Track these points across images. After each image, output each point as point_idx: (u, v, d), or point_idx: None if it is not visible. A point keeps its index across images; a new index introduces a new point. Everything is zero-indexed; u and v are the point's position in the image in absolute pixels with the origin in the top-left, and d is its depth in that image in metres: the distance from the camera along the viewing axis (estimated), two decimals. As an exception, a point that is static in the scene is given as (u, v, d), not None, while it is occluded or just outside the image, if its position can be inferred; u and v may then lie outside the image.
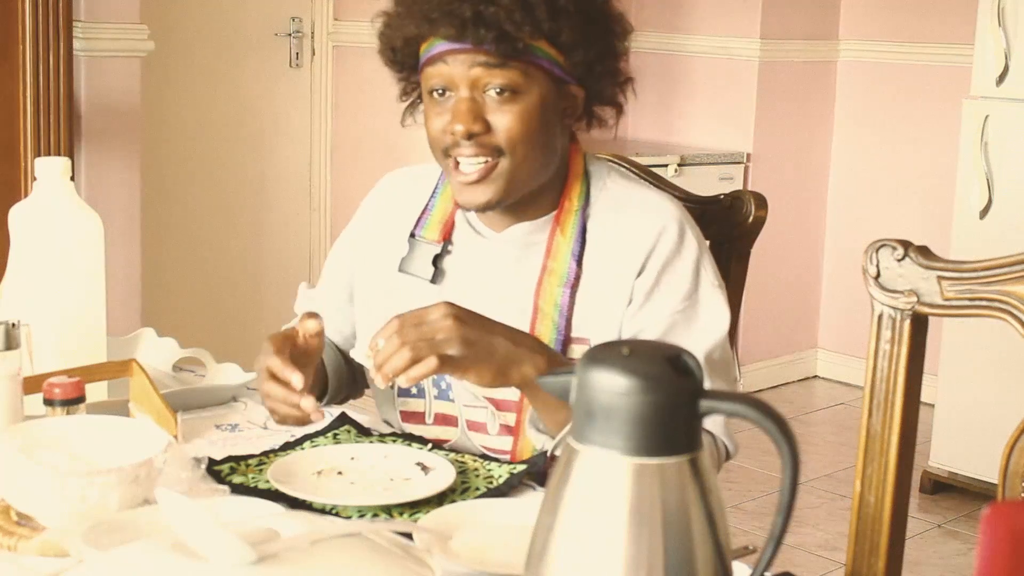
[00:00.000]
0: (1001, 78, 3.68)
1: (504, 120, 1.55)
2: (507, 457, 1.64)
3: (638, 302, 1.60)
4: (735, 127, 4.75)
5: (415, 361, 1.41)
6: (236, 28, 4.11)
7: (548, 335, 1.60)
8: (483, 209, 1.62)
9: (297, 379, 1.47)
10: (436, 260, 1.68)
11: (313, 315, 1.57)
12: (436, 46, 1.56)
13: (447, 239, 1.69)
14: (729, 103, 4.77)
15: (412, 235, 1.71)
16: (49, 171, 1.68)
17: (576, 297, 1.61)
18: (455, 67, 1.55)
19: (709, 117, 4.85)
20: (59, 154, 3.20)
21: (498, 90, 1.54)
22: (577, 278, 1.61)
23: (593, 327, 1.61)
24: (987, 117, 3.70)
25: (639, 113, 5.08)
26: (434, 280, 1.67)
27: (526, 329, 1.59)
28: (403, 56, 1.63)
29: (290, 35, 4.19)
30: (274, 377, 1.50)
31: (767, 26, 4.67)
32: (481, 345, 1.43)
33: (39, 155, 3.17)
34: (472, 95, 1.55)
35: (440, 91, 1.58)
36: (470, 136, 1.55)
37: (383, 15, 1.65)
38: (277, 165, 4.25)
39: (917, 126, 4.69)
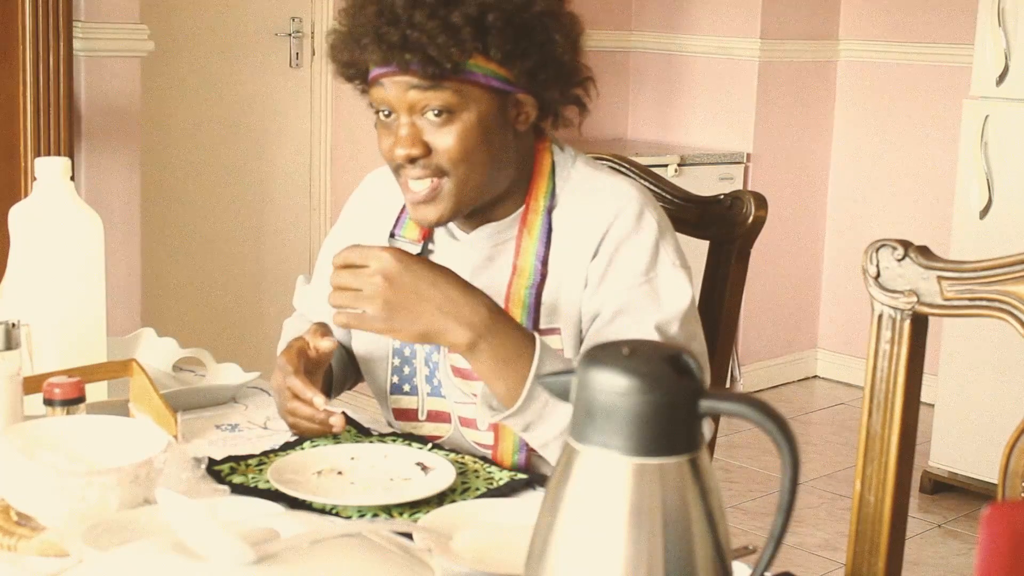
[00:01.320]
0: (1001, 78, 3.68)
1: (443, 141, 1.56)
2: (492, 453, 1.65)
3: (593, 284, 1.61)
4: (735, 127, 4.75)
5: (340, 306, 1.46)
6: (236, 28, 4.11)
7: None
8: (434, 226, 1.63)
9: (320, 400, 1.53)
10: None
11: (325, 331, 1.62)
12: (374, 69, 1.58)
13: (428, 237, 1.70)
14: (729, 103, 4.78)
15: (392, 235, 1.73)
16: (49, 171, 1.68)
17: (542, 295, 1.62)
18: (391, 90, 1.56)
19: (709, 117, 4.85)
20: (59, 154, 3.20)
21: (435, 112, 1.55)
22: (543, 277, 1.62)
23: (560, 317, 1.62)
24: (987, 117, 3.70)
25: (639, 113, 5.08)
26: None
27: None
28: (353, 74, 1.64)
29: (290, 35, 4.19)
30: (297, 397, 1.55)
31: (767, 26, 4.67)
32: (403, 311, 1.45)
33: (39, 155, 3.17)
34: (411, 119, 1.56)
35: (385, 112, 1.59)
36: (412, 160, 1.56)
37: (332, 33, 1.66)
38: (277, 165, 4.25)
39: (917, 126, 4.70)
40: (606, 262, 1.60)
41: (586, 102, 1.66)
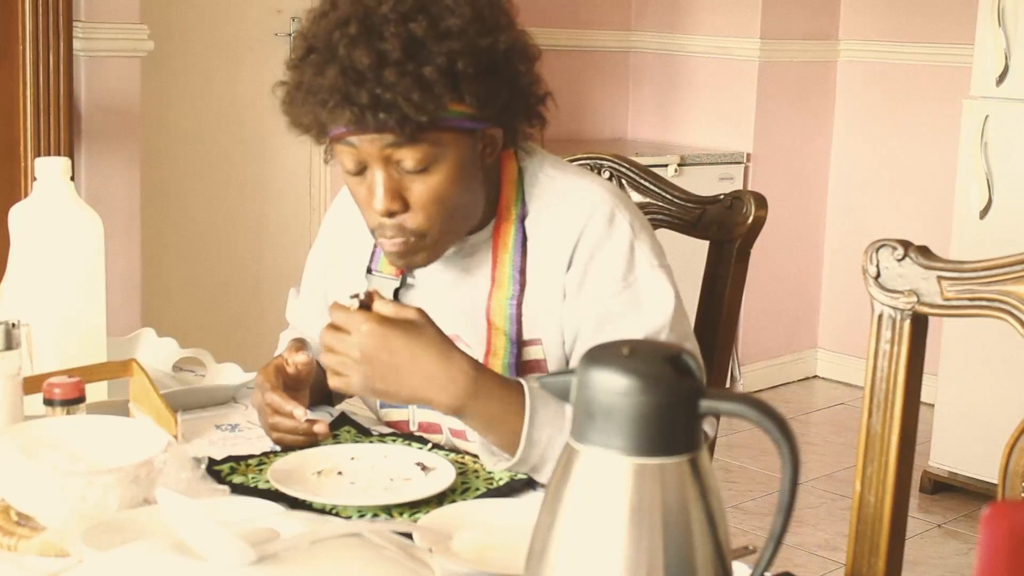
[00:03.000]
0: (1001, 78, 3.68)
1: (422, 194, 1.51)
2: None
3: (571, 296, 1.58)
4: (735, 127, 4.75)
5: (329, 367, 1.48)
6: (236, 28, 4.11)
7: (503, 346, 1.60)
8: (415, 268, 1.61)
9: (300, 412, 1.55)
10: (397, 291, 1.67)
11: (300, 346, 1.63)
12: (340, 128, 1.51)
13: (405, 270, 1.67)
14: (729, 103, 4.78)
15: (369, 270, 1.70)
16: (49, 171, 1.68)
17: (523, 306, 1.60)
18: (363, 147, 1.50)
19: (709, 117, 4.85)
20: (59, 154, 3.20)
21: (410, 166, 1.50)
22: (522, 287, 1.60)
23: (542, 328, 1.60)
24: (987, 117, 3.70)
25: (639, 113, 5.08)
26: (397, 297, 1.67)
27: (482, 341, 1.59)
28: (311, 128, 1.57)
29: (290, 35, 4.19)
30: (277, 412, 1.56)
31: (767, 26, 4.67)
32: (384, 382, 1.45)
33: (39, 155, 3.17)
34: (387, 172, 1.51)
35: (352, 168, 1.53)
36: (391, 214, 1.52)
37: (282, 86, 1.58)
38: (277, 165, 4.25)
39: (917, 126, 4.70)
40: (582, 272, 1.57)
41: (546, 116, 1.62)
